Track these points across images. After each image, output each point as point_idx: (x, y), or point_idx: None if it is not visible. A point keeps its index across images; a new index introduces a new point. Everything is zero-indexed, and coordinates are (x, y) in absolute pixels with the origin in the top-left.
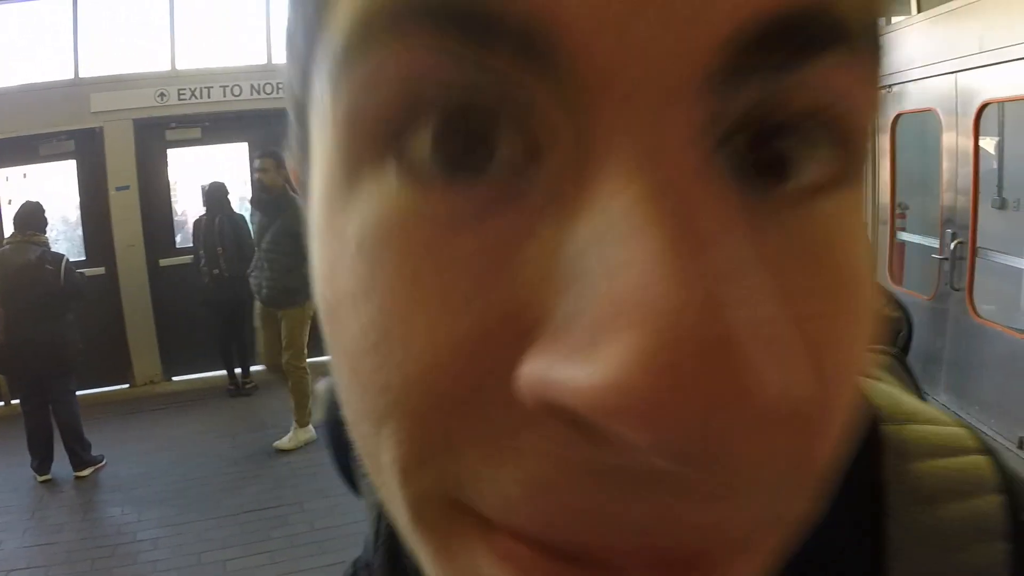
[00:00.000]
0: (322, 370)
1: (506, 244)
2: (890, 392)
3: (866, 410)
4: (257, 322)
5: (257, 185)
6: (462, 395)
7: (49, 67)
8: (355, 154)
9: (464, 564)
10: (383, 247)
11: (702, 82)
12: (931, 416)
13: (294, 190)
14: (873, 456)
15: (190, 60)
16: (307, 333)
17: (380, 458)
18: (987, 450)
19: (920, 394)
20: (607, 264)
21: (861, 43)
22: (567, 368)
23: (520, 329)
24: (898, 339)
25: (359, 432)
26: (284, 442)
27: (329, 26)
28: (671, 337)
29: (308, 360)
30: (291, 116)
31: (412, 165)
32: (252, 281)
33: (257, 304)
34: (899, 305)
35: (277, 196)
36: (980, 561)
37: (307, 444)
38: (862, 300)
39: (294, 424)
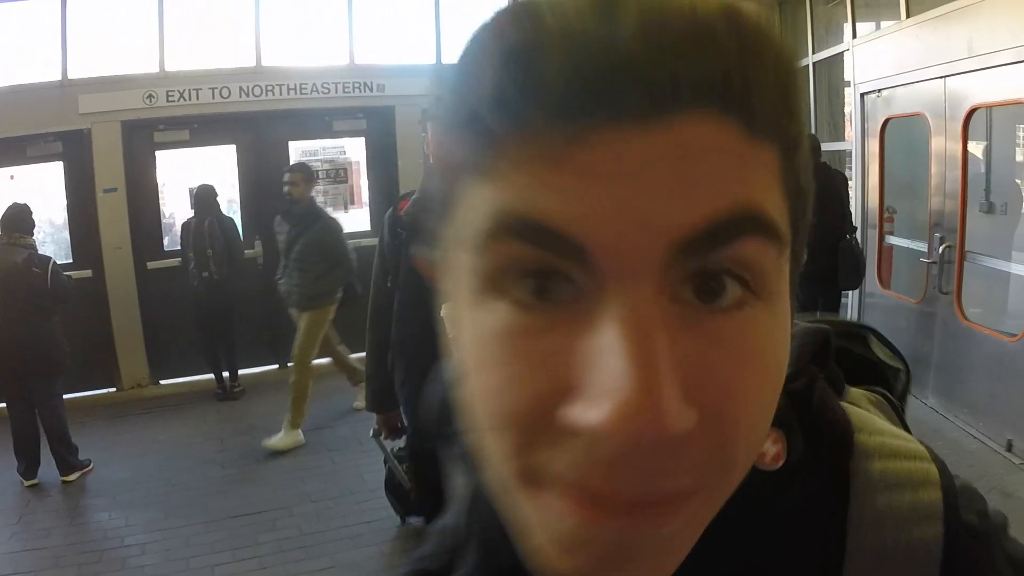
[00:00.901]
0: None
1: (559, 345)
2: (869, 416)
3: (845, 425)
4: (296, 321)
5: (287, 197)
6: (536, 420)
7: (37, 68)
8: (485, 286)
9: (546, 504)
10: (499, 341)
11: (662, 264)
12: (898, 433)
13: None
14: (845, 455)
15: (179, 62)
16: (321, 336)
17: (496, 450)
18: (937, 460)
19: (905, 429)
20: (603, 366)
21: (763, 229)
22: (585, 413)
23: (562, 391)
24: (897, 386)
25: (483, 437)
26: (274, 441)
27: (454, 219)
28: (628, 406)
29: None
30: (436, 240)
31: (513, 298)
32: (282, 287)
33: (291, 309)
34: (902, 359)
35: (305, 208)
36: (921, 538)
37: (296, 447)
38: (764, 368)
39: (286, 424)
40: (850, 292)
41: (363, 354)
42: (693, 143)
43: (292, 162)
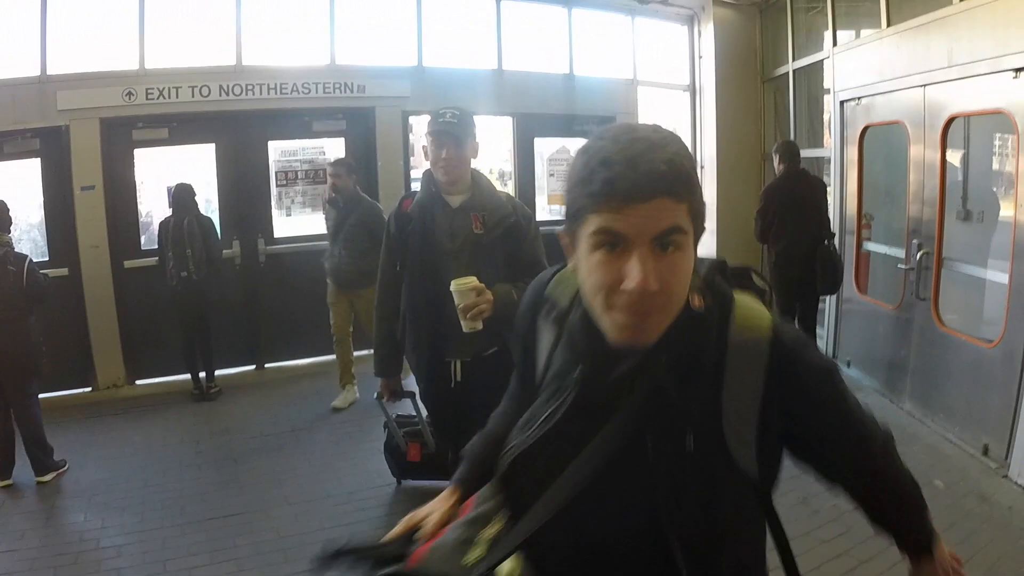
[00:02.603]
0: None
1: (617, 265)
2: (747, 297)
3: (730, 294)
4: (330, 299)
5: (331, 188)
6: (610, 287)
7: (16, 64)
8: (592, 248)
9: (613, 315)
10: (598, 264)
11: (649, 241)
12: (758, 304)
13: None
14: (729, 306)
15: (159, 60)
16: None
17: (597, 300)
18: (775, 316)
19: (769, 309)
20: (631, 271)
21: (682, 230)
22: (627, 285)
23: (618, 279)
24: (767, 296)
25: (592, 297)
26: (339, 402)
27: (580, 223)
28: (639, 283)
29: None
30: (567, 227)
31: (602, 251)
32: (328, 266)
33: (330, 285)
34: (767, 284)
35: (349, 196)
36: (758, 358)
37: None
38: (682, 272)
39: (347, 386)
40: (827, 297)
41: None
42: (661, 206)
43: (272, 162)
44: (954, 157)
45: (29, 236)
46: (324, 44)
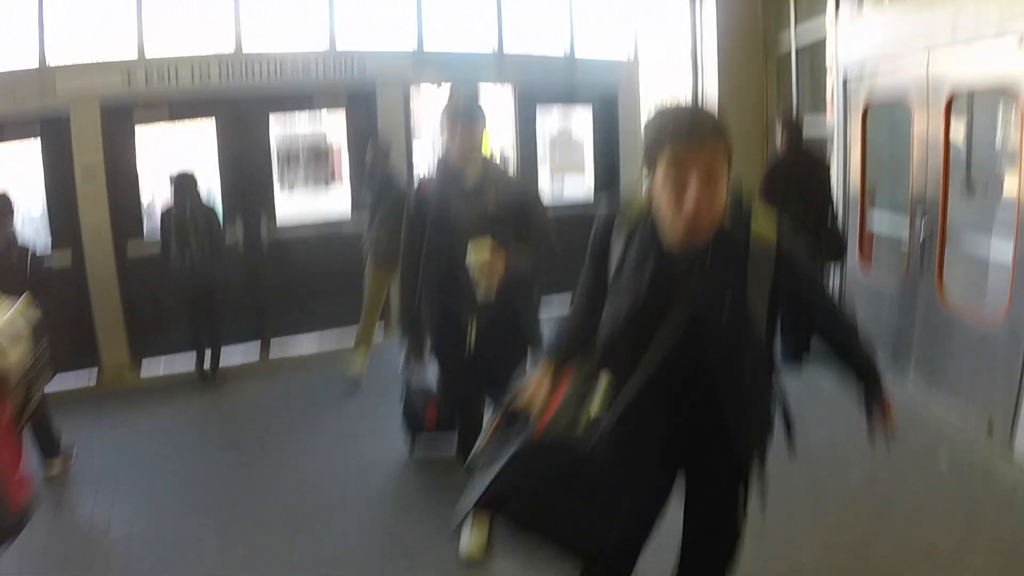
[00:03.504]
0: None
1: (680, 188)
2: (763, 209)
3: (750, 209)
4: (367, 271)
5: (369, 170)
6: (675, 204)
7: (15, 52)
8: (665, 178)
9: (675, 219)
10: (667, 187)
11: (702, 172)
12: (769, 217)
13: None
14: (749, 218)
15: (158, 49)
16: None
17: (666, 209)
18: (779, 225)
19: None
20: (690, 195)
21: (727, 165)
22: (686, 205)
23: (683, 199)
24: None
25: (660, 207)
26: (352, 367)
27: (657, 160)
28: (693, 203)
29: None
30: (646, 164)
31: (671, 179)
32: (366, 244)
33: (369, 260)
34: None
35: (384, 178)
36: (769, 254)
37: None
38: (720, 194)
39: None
40: (831, 273)
41: None
42: (707, 150)
43: (273, 145)
44: (958, 132)
45: (31, 223)
46: (324, 29)
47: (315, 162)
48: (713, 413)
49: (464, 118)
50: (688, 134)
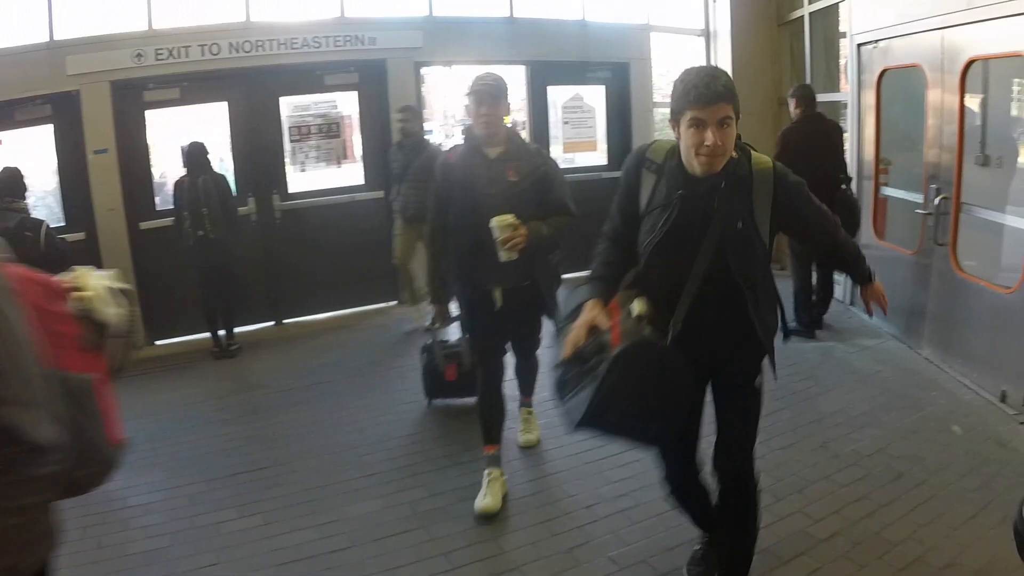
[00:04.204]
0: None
1: (700, 134)
2: (759, 154)
3: (749, 151)
4: (397, 231)
5: (400, 132)
6: (697, 143)
7: (23, 30)
8: (688, 128)
9: (700, 159)
10: (691, 134)
11: (716, 121)
12: (762, 154)
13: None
14: (748, 157)
15: (167, 20)
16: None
17: (687, 146)
18: (773, 160)
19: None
20: (708, 136)
21: (735, 117)
22: (706, 142)
23: (702, 140)
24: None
25: (687, 152)
26: (419, 322)
27: (682, 115)
28: (712, 143)
29: None
30: (673, 114)
31: (694, 130)
32: (397, 204)
33: (398, 220)
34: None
35: (415, 140)
36: (767, 181)
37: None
38: (731, 138)
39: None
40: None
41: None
42: (721, 105)
43: (285, 117)
44: (973, 101)
45: (44, 202)
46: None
47: (327, 134)
48: (739, 314)
49: (489, 91)
50: (707, 91)
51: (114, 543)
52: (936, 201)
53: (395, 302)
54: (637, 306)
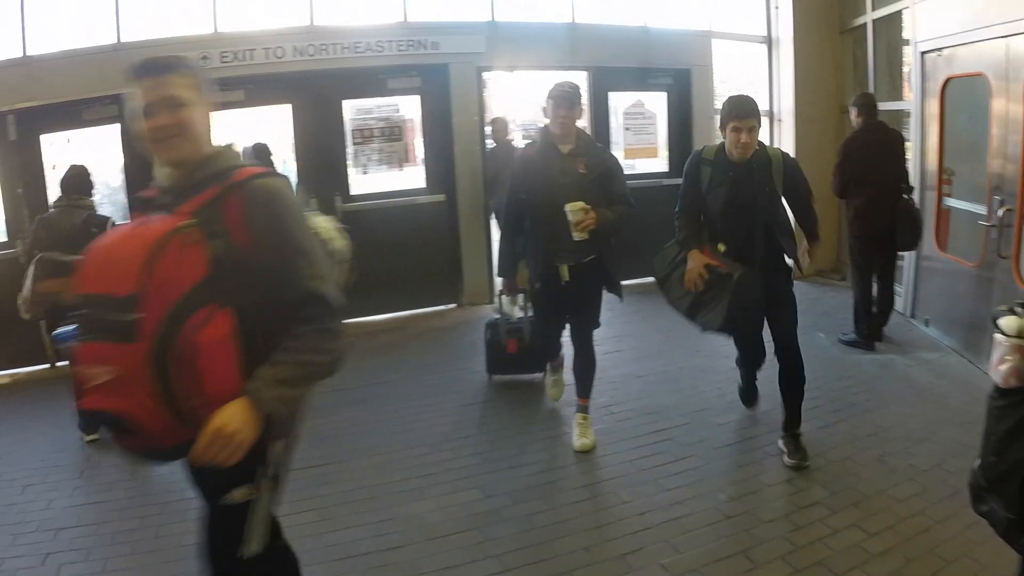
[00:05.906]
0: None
1: (738, 135)
2: (771, 146)
3: (764, 145)
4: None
5: (493, 138)
6: (735, 143)
7: (92, 32)
8: (730, 129)
9: (738, 149)
10: (733, 135)
11: (747, 128)
12: (774, 146)
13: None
14: (764, 147)
15: (232, 23)
16: None
17: (731, 146)
18: (781, 150)
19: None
20: (742, 138)
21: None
22: (742, 140)
23: (739, 139)
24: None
25: (729, 147)
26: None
27: (727, 124)
28: (745, 141)
29: None
30: (721, 125)
31: (737, 132)
32: (492, 206)
33: (496, 218)
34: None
35: (505, 147)
36: (779, 163)
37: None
38: (757, 137)
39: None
40: (907, 253)
41: None
42: (752, 119)
43: (347, 120)
44: None
45: (111, 199)
46: (397, 1)
47: (389, 138)
48: (772, 243)
49: (565, 100)
50: (742, 110)
51: (171, 533)
52: (1000, 213)
53: (454, 304)
54: (721, 247)
